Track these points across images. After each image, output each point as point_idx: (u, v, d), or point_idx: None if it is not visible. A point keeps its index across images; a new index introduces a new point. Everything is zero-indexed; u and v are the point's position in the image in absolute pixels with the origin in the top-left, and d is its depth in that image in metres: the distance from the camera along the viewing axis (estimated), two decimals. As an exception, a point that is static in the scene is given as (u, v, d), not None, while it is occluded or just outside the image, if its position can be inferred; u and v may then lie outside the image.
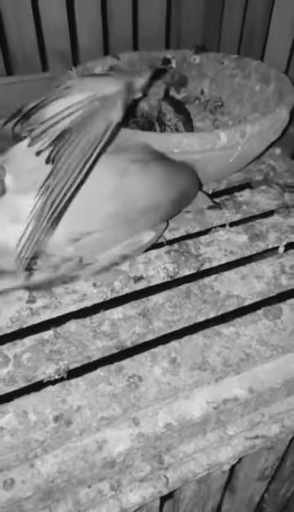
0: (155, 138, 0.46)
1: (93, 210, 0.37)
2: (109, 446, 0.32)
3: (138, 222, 0.40)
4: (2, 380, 0.35)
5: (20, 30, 0.64)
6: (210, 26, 0.74)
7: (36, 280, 0.38)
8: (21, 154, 0.36)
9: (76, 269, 0.39)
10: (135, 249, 0.41)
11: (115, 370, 0.36)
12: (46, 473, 0.31)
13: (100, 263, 0.40)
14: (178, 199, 0.43)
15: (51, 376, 0.35)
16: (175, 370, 0.36)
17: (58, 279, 0.38)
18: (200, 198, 0.47)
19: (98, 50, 0.71)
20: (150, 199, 0.40)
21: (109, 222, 0.38)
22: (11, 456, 0.31)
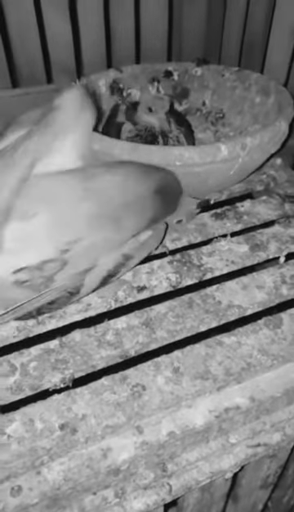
0: (157, 151, 0.48)
1: (71, 216, 0.37)
2: (113, 454, 0.33)
3: (126, 218, 0.39)
4: (9, 389, 0.36)
5: (24, 43, 0.66)
6: (211, 39, 0.76)
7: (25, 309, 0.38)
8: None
9: (67, 302, 0.39)
10: (134, 246, 0.41)
11: (119, 380, 0.37)
12: (52, 481, 0.31)
13: (103, 267, 0.39)
14: (160, 190, 0.42)
15: (57, 385, 0.36)
16: (178, 379, 0.37)
17: (46, 307, 0.39)
18: (187, 201, 0.48)
19: (101, 62, 0.72)
20: (128, 192, 0.40)
21: (94, 223, 0.37)
22: (18, 464, 0.31)
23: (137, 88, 0.68)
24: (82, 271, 0.38)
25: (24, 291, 0.36)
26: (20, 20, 0.64)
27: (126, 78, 0.67)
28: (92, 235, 0.37)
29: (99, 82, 0.65)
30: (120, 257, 0.39)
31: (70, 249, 0.36)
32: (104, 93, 0.66)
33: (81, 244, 0.36)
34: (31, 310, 0.37)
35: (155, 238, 0.44)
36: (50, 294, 0.37)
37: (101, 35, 0.70)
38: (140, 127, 0.54)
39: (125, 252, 0.40)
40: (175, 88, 0.70)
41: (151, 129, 0.54)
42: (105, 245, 0.39)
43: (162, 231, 0.46)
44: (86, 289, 0.40)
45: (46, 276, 0.35)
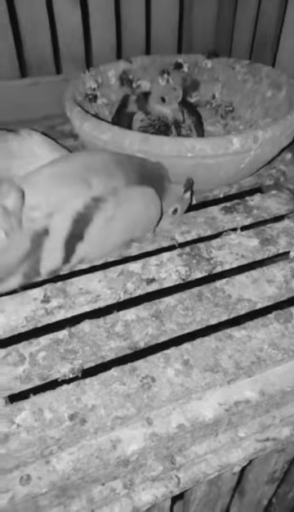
0: (168, 142, 0.47)
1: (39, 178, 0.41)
2: (122, 445, 0.33)
3: (93, 178, 0.41)
4: (18, 378, 0.35)
5: (34, 33, 0.65)
6: (222, 31, 0.75)
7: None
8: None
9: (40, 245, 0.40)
10: (104, 191, 0.41)
11: (129, 371, 0.36)
12: (61, 471, 0.31)
13: (71, 208, 0.40)
14: (124, 161, 0.44)
15: (66, 375, 0.36)
16: (188, 371, 0.37)
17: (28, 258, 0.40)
18: (174, 188, 0.47)
19: (110, 53, 0.72)
20: (93, 160, 0.43)
21: (59, 180, 0.41)
22: (27, 453, 0.31)
23: (147, 80, 0.67)
24: (47, 212, 0.39)
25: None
26: (31, 9, 0.63)
27: (135, 69, 0.67)
28: (60, 189, 0.41)
29: (108, 72, 0.65)
30: (89, 199, 0.40)
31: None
32: (114, 84, 0.65)
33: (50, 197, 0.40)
34: (18, 259, 0.38)
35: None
36: (22, 242, 0.38)
37: (111, 26, 0.69)
38: (153, 117, 0.53)
39: (94, 195, 0.40)
40: (185, 80, 0.69)
41: (164, 119, 0.53)
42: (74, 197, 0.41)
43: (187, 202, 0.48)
44: (58, 233, 0.39)
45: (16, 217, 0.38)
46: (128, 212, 0.43)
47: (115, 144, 0.48)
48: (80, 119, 0.50)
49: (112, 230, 0.43)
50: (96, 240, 0.42)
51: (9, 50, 0.65)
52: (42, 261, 0.40)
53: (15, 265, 0.39)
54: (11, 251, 0.38)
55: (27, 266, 0.39)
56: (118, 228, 0.43)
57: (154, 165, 0.47)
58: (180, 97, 0.54)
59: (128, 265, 0.46)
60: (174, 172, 0.48)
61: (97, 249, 0.43)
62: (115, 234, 0.44)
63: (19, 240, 0.38)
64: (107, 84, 0.64)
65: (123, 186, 0.43)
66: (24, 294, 0.42)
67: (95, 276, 0.45)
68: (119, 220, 0.42)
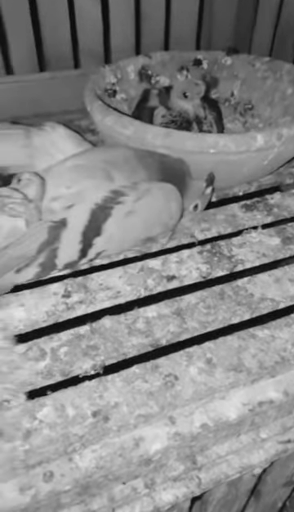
0: (191, 138, 0.46)
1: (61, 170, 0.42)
2: (145, 444, 0.32)
3: (114, 172, 0.41)
4: (40, 373, 0.35)
5: (54, 27, 0.65)
6: (241, 28, 0.74)
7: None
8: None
9: (58, 235, 0.39)
10: (124, 185, 0.41)
11: (151, 368, 0.36)
12: (84, 468, 0.31)
13: (90, 200, 0.40)
14: (146, 156, 0.44)
15: (88, 372, 0.35)
16: (211, 370, 0.36)
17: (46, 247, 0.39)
18: (195, 183, 0.46)
19: (129, 49, 0.71)
20: (114, 155, 0.44)
21: (82, 172, 0.41)
22: (50, 449, 0.31)
23: (166, 75, 0.66)
24: (66, 206, 0.39)
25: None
26: (51, 3, 0.63)
27: (154, 64, 0.66)
28: (81, 182, 0.41)
29: (127, 68, 0.64)
30: (107, 192, 0.40)
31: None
32: (133, 79, 0.65)
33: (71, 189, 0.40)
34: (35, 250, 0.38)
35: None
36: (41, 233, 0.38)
37: (131, 21, 0.68)
38: (175, 112, 0.53)
39: (113, 188, 0.40)
40: (204, 77, 0.68)
41: (185, 115, 0.53)
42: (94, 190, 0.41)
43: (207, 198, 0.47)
44: (76, 225, 0.39)
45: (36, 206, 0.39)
46: (148, 208, 0.42)
47: (137, 139, 0.47)
48: (101, 114, 0.50)
49: (131, 225, 0.42)
50: (114, 235, 0.41)
51: (29, 44, 0.64)
52: (59, 253, 0.39)
53: (32, 256, 0.38)
54: (29, 241, 0.38)
55: (44, 257, 0.39)
56: (137, 224, 0.43)
57: (176, 161, 0.46)
58: (203, 93, 0.54)
59: (148, 261, 0.45)
60: (195, 169, 0.47)
61: (115, 243, 0.43)
62: (134, 229, 0.43)
63: (38, 230, 0.38)
64: (126, 79, 0.64)
65: (144, 182, 0.42)
66: (44, 288, 0.42)
67: (115, 271, 0.44)
68: (139, 215, 0.42)
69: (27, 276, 0.39)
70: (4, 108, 0.64)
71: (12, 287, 0.40)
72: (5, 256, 0.37)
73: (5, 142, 0.48)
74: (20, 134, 0.49)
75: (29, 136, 0.49)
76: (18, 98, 0.66)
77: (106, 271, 0.44)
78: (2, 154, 0.48)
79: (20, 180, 0.39)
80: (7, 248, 0.37)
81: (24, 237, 0.37)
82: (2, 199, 0.37)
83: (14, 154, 0.48)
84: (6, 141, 0.48)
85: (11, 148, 0.48)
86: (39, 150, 0.49)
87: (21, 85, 0.66)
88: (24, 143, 0.49)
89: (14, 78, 0.66)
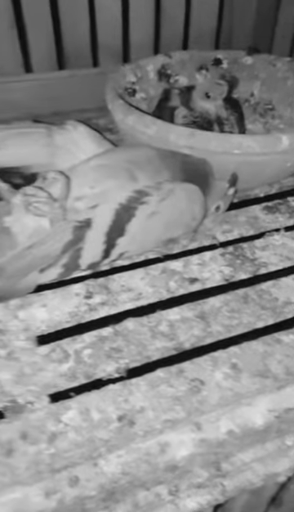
0: (215, 138, 0.46)
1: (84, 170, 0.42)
2: (171, 450, 0.32)
3: (137, 171, 0.41)
4: (63, 376, 0.35)
5: (74, 25, 0.64)
6: (262, 27, 0.73)
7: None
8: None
9: (83, 235, 0.38)
10: (148, 185, 0.41)
11: (176, 373, 0.35)
12: (110, 473, 0.30)
13: (114, 200, 0.39)
14: (167, 155, 0.44)
15: (111, 375, 0.35)
16: (237, 375, 0.35)
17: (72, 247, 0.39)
18: (218, 184, 0.46)
19: (148, 47, 0.71)
20: (137, 155, 0.43)
21: (104, 171, 0.41)
22: (75, 454, 0.30)
23: (185, 75, 0.66)
24: (91, 206, 0.38)
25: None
26: (72, 0, 0.62)
27: (174, 64, 0.65)
28: (105, 181, 0.40)
29: (147, 67, 0.64)
30: (131, 192, 0.39)
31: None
32: (152, 79, 0.64)
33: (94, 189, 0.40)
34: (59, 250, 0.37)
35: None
36: (65, 233, 0.37)
37: (151, 19, 0.68)
38: (197, 113, 0.52)
39: (137, 188, 0.40)
40: (223, 77, 0.67)
41: (207, 116, 0.52)
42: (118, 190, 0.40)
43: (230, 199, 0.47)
44: (100, 225, 0.38)
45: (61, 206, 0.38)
46: (172, 208, 0.42)
47: (159, 138, 0.46)
48: (123, 112, 0.49)
49: (154, 226, 0.41)
50: (137, 235, 0.41)
51: (48, 42, 0.64)
52: (83, 253, 0.39)
53: (56, 256, 0.38)
54: (53, 241, 0.37)
55: (68, 257, 0.38)
56: (160, 224, 0.42)
57: (199, 161, 0.46)
58: (225, 93, 0.53)
59: (169, 263, 0.45)
60: (218, 169, 0.46)
61: (137, 244, 0.42)
62: (156, 230, 0.42)
63: (62, 230, 0.38)
64: (146, 78, 0.63)
65: (168, 182, 0.42)
66: (66, 288, 0.41)
67: (137, 273, 0.43)
68: (162, 216, 0.41)
69: (50, 276, 0.39)
70: (23, 106, 0.64)
71: (35, 287, 0.39)
72: (29, 256, 0.37)
73: (27, 141, 0.48)
74: (41, 133, 0.49)
75: (51, 134, 0.49)
76: (37, 96, 0.65)
77: (127, 272, 0.44)
78: (24, 153, 0.47)
79: (46, 178, 0.38)
80: (32, 247, 0.37)
81: (48, 237, 0.37)
82: (27, 199, 0.37)
83: (36, 152, 0.47)
84: (28, 140, 0.48)
85: (33, 147, 0.48)
86: (60, 149, 0.49)
87: (40, 83, 0.66)
88: (46, 142, 0.48)
89: (33, 76, 0.66)
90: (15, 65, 0.65)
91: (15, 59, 0.65)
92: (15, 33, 0.62)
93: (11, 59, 0.65)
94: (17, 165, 0.47)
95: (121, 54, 0.69)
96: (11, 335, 0.37)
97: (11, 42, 0.63)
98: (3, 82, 0.65)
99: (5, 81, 0.65)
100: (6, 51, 0.64)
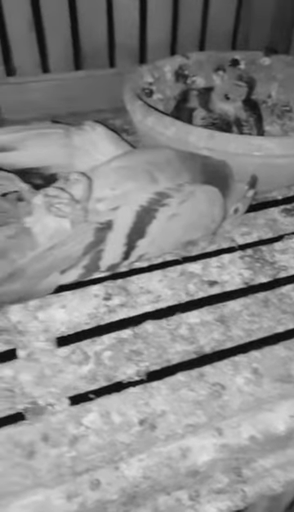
0: (235, 140, 0.45)
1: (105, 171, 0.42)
2: (192, 455, 0.31)
3: (157, 173, 0.41)
4: (84, 378, 0.34)
5: (92, 25, 0.64)
6: (279, 28, 0.73)
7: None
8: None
9: (104, 237, 0.39)
10: (169, 187, 0.40)
11: (196, 377, 0.35)
12: (131, 477, 0.30)
13: (135, 202, 0.39)
14: (189, 157, 0.43)
15: (132, 377, 0.35)
16: (258, 380, 0.35)
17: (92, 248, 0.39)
18: (238, 186, 0.45)
19: (165, 47, 0.70)
20: (157, 156, 0.43)
21: (124, 173, 0.41)
22: (97, 457, 0.30)
23: (202, 76, 0.65)
24: (112, 208, 0.38)
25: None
26: (90, 1, 0.62)
27: (191, 64, 0.65)
28: (126, 183, 0.40)
29: (164, 68, 0.63)
30: (152, 194, 0.39)
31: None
32: (169, 79, 0.64)
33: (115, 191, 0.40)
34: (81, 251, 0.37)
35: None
36: (86, 234, 0.37)
37: (168, 19, 0.67)
38: (215, 115, 0.52)
39: (158, 190, 0.39)
40: (240, 78, 0.66)
41: (226, 117, 0.51)
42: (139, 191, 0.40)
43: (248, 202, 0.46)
44: (121, 227, 0.38)
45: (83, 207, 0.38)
46: (192, 210, 0.41)
47: (179, 140, 0.46)
48: (142, 113, 0.49)
49: (173, 228, 0.41)
50: (157, 237, 0.41)
51: (66, 42, 0.64)
52: (104, 255, 0.39)
53: (77, 257, 0.38)
54: (74, 242, 0.37)
55: (89, 259, 0.38)
56: (180, 227, 0.42)
57: (218, 163, 0.45)
58: (245, 95, 0.52)
59: (188, 265, 0.44)
60: (237, 171, 0.46)
61: (157, 246, 0.42)
62: (176, 232, 0.42)
63: (83, 231, 0.38)
64: (163, 79, 0.63)
65: (188, 184, 0.41)
66: (85, 290, 0.41)
67: (155, 275, 0.43)
68: (182, 218, 0.41)
69: (71, 277, 0.39)
70: (40, 106, 0.64)
71: (55, 288, 0.39)
72: (50, 257, 0.37)
73: (46, 141, 0.48)
74: (60, 133, 0.49)
75: (69, 135, 0.49)
76: (54, 96, 0.65)
77: (146, 274, 0.43)
78: (44, 154, 0.47)
79: (68, 180, 0.38)
80: (53, 248, 0.37)
81: (69, 238, 0.37)
82: (49, 200, 0.36)
83: (54, 153, 0.47)
84: (47, 141, 0.48)
85: (52, 147, 0.48)
86: (79, 150, 0.49)
87: (57, 83, 0.66)
88: (64, 142, 0.48)
89: (50, 76, 0.66)
90: (33, 66, 0.65)
91: (32, 59, 0.65)
92: (33, 34, 0.63)
93: (28, 59, 0.65)
94: (36, 166, 0.47)
95: (138, 54, 0.69)
96: (31, 336, 0.37)
97: (30, 42, 0.63)
98: (21, 82, 0.65)
99: (23, 81, 0.65)
100: (25, 52, 0.64)
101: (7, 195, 0.43)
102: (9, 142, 0.46)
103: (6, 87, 0.65)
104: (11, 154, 0.46)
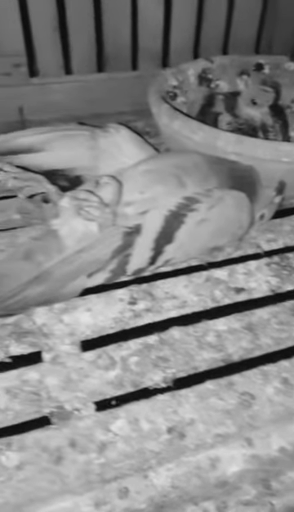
0: (263, 145, 0.45)
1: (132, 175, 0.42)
2: (222, 465, 0.31)
3: (185, 177, 0.40)
4: (110, 383, 0.34)
5: (116, 27, 0.64)
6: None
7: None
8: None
9: (132, 241, 0.38)
10: (198, 192, 0.40)
11: (225, 385, 0.34)
12: (160, 486, 0.29)
13: (164, 207, 0.38)
14: (217, 162, 0.43)
15: (158, 384, 0.34)
16: (288, 391, 0.34)
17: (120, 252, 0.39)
18: (265, 192, 0.45)
19: (188, 51, 0.70)
20: (185, 160, 0.43)
21: (153, 177, 0.40)
22: (125, 465, 0.30)
23: (225, 80, 0.65)
24: (140, 212, 0.38)
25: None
26: (115, 3, 0.62)
27: (215, 68, 0.65)
28: (155, 187, 0.39)
29: (188, 71, 0.63)
30: (181, 199, 0.39)
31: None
32: (193, 83, 0.64)
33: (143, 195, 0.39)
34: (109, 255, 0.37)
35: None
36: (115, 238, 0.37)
37: (192, 23, 0.67)
38: (242, 120, 0.51)
39: (187, 195, 0.39)
40: (264, 83, 0.66)
41: (252, 123, 0.51)
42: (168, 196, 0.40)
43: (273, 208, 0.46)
44: (149, 232, 0.38)
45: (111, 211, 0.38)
46: (220, 216, 0.41)
47: (207, 144, 0.46)
48: (169, 117, 0.48)
49: (201, 233, 0.41)
50: (185, 243, 0.40)
51: (90, 44, 0.64)
52: (131, 259, 0.38)
53: (105, 261, 0.37)
54: (103, 246, 0.37)
55: (116, 263, 0.38)
56: (208, 232, 0.41)
57: (246, 168, 0.45)
58: (272, 100, 0.52)
59: (213, 271, 0.44)
60: (265, 177, 0.45)
61: (184, 251, 0.41)
62: (204, 238, 0.42)
63: (112, 235, 0.37)
64: (186, 83, 0.62)
65: (217, 189, 0.41)
66: (110, 293, 0.41)
67: (180, 280, 0.43)
68: (210, 224, 0.40)
69: (97, 280, 0.38)
70: (62, 107, 0.64)
71: (81, 291, 0.39)
72: (78, 260, 0.36)
73: (72, 143, 0.48)
74: (86, 135, 0.49)
75: (95, 137, 0.49)
76: (76, 98, 0.65)
77: (170, 279, 0.43)
78: (70, 156, 0.47)
79: (98, 183, 0.38)
80: (81, 251, 0.36)
81: (98, 242, 0.37)
82: (79, 203, 0.36)
83: (80, 155, 0.47)
84: (73, 142, 0.48)
85: (78, 149, 0.47)
86: (104, 152, 0.48)
87: (79, 85, 0.66)
88: (90, 145, 0.48)
89: (73, 77, 0.66)
90: (56, 67, 0.65)
91: (56, 61, 0.65)
92: (57, 36, 0.63)
93: (52, 61, 0.65)
94: (62, 167, 0.47)
95: (160, 57, 0.69)
96: (56, 339, 0.37)
97: (53, 44, 0.63)
98: (44, 83, 0.65)
99: (45, 82, 0.65)
100: (48, 53, 0.64)
101: (34, 196, 0.43)
102: (36, 143, 0.46)
103: (29, 87, 0.65)
104: (37, 155, 0.46)
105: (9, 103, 0.64)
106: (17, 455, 0.30)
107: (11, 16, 0.59)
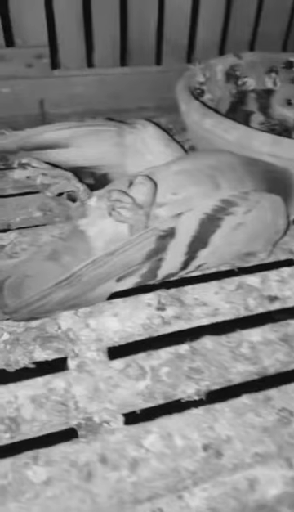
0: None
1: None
2: (261, 487, 0.29)
3: (220, 178, 0.38)
4: (140, 395, 0.32)
5: (142, 21, 0.62)
6: None
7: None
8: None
9: (165, 246, 0.36)
10: (234, 194, 0.38)
11: (262, 401, 0.32)
12: (195, 508, 0.28)
13: (200, 210, 0.37)
14: (251, 163, 0.41)
15: (191, 397, 0.32)
16: None
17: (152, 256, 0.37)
18: None
19: (213, 46, 0.68)
20: (219, 160, 0.41)
21: (187, 177, 0.38)
22: (159, 484, 0.28)
23: (253, 77, 0.62)
24: (175, 214, 0.36)
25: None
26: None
27: (243, 65, 0.62)
28: (188, 188, 0.37)
29: (216, 67, 0.61)
30: (217, 201, 0.37)
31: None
32: (220, 79, 0.61)
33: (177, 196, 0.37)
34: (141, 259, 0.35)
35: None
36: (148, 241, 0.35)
37: (220, 18, 0.65)
38: (274, 120, 0.49)
39: (223, 198, 0.37)
40: (293, 81, 0.64)
41: (285, 123, 0.49)
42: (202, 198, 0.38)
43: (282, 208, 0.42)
44: (183, 235, 0.36)
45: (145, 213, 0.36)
46: (257, 221, 0.39)
47: (241, 144, 0.44)
48: (201, 115, 0.46)
49: (237, 238, 0.39)
50: (219, 248, 0.38)
51: (114, 37, 0.61)
52: (163, 264, 0.36)
53: (136, 265, 0.36)
54: (134, 249, 0.35)
55: (148, 267, 0.36)
56: (244, 237, 0.39)
57: (282, 170, 0.43)
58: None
59: (245, 278, 0.42)
60: (300, 180, 0.43)
61: (217, 257, 0.39)
62: (238, 243, 0.40)
63: (144, 238, 0.35)
64: (214, 79, 0.60)
65: (254, 192, 0.39)
66: (137, 298, 0.39)
67: (211, 286, 0.41)
68: (246, 228, 0.38)
69: (126, 285, 0.37)
70: (83, 101, 0.62)
71: (109, 296, 0.37)
72: (109, 263, 0.35)
73: (98, 140, 0.46)
74: (112, 132, 0.47)
75: (122, 134, 0.47)
76: (97, 91, 0.63)
77: (200, 284, 0.41)
78: (96, 153, 0.45)
79: (132, 184, 0.36)
80: (112, 254, 0.34)
81: (129, 245, 0.35)
82: (112, 204, 0.34)
83: (107, 152, 0.45)
84: (99, 139, 0.46)
85: (104, 146, 0.46)
86: (130, 149, 0.47)
87: (101, 78, 0.64)
88: (117, 141, 0.46)
89: (94, 70, 0.64)
90: (78, 59, 0.63)
91: (78, 53, 0.63)
92: (81, 27, 0.61)
93: (74, 53, 0.63)
94: (89, 165, 0.45)
95: (185, 52, 0.66)
96: (82, 345, 0.35)
97: (77, 35, 0.61)
98: (65, 76, 0.63)
99: (67, 75, 0.63)
100: (71, 45, 0.62)
101: (62, 194, 0.41)
102: (61, 139, 0.44)
103: (50, 80, 0.63)
104: (63, 150, 0.44)
105: (30, 95, 0.62)
106: (45, 470, 0.28)
107: (36, 7, 0.57)
